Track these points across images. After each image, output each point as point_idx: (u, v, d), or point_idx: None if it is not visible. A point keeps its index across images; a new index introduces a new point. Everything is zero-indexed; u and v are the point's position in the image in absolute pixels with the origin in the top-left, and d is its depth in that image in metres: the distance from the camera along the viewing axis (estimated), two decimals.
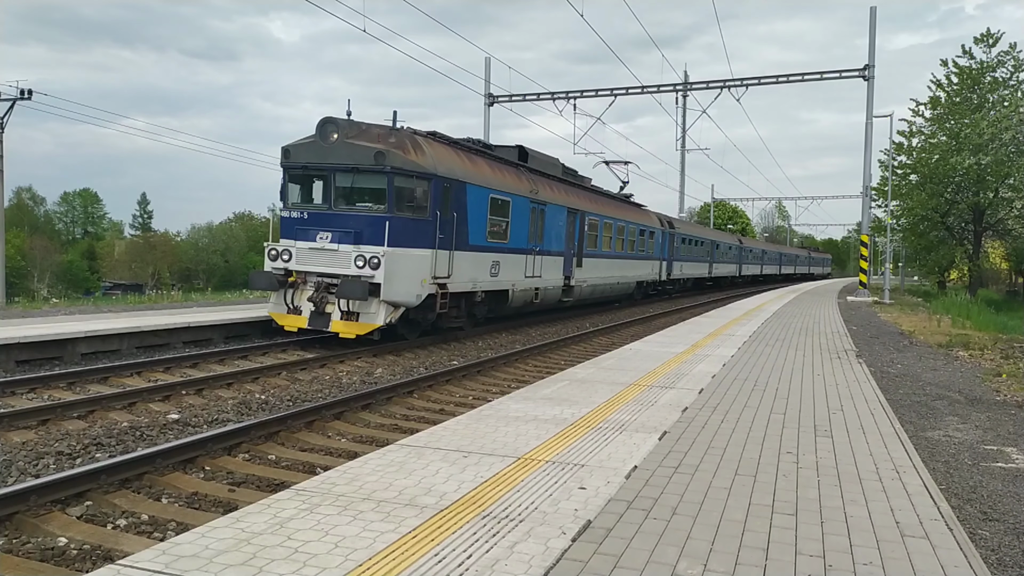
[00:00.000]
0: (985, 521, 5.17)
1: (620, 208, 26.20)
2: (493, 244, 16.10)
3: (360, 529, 3.72)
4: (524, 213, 17.57)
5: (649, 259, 29.53)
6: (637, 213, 28.59)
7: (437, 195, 13.74)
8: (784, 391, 8.12)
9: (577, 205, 21.24)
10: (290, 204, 13.90)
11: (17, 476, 6.07)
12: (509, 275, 16.92)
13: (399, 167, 13.08)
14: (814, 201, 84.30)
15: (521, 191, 17.43)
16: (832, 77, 31.26)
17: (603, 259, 23.67)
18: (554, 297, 20.06)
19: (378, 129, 13.67)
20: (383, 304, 12.81)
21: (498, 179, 16.44)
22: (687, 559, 3.51)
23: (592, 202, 22.99)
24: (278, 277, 13.19)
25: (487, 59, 37.39)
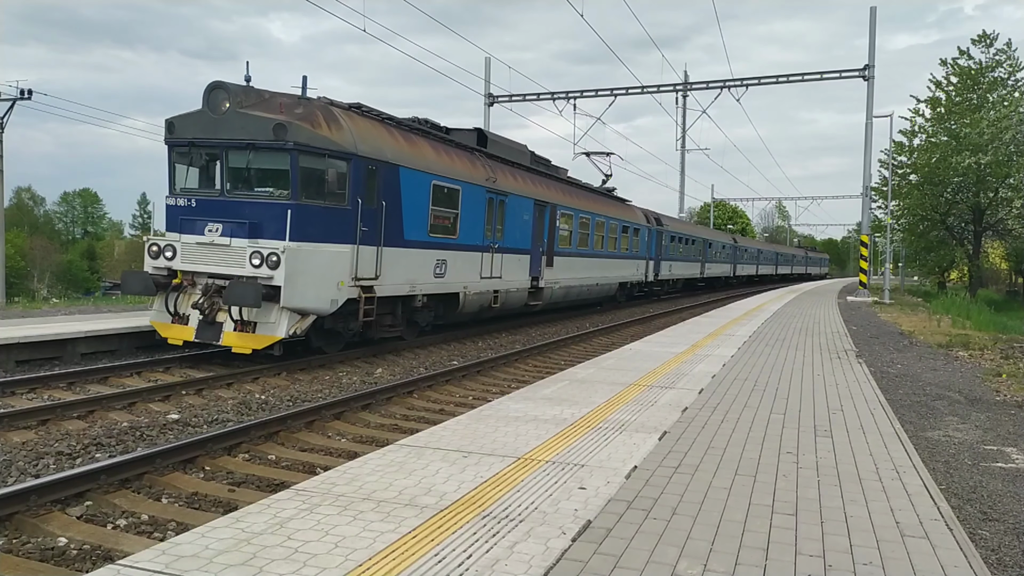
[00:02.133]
0: (985, 521, 5.18)
1: (600, 202, 24.11)
2: (437, 240, 13.86)
3: (360, 529, 3.71)
4: (478, 204, 15.34)
5: (634, 258, 27.42)
6: (620, 208, 26.53)
7: (359, 179, 11.48)
8: (784, 391, 8.12)
9: (547, 197, 19.10)
10: (176, 189, 11.50)
11: (17, 476, 6.07)
12: (459, 276, 14.75)
13: (306, 143, 10.73)
14: (814, 201, 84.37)
15: (475, 179, 15.19)
16: (832, 77, 31.26)
17: (579, 258, 21.55)
18: (519, 300, 17.93)
19: (283, 98, 11.30)
20: (285, 312, 10.51)
21: (444, 163, 14.16)
22: (687, 559, 3.51)
23: (566, 194, 20.86)
24: (158, 278, 10.97)
25: (487, 59, 37.41)
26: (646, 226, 28.91)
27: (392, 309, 13.07)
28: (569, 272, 20.83)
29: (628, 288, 27.77)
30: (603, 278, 23.92)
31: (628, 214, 26.96)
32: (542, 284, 18.95)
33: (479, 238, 15.56)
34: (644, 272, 28.93)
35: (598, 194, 24.87)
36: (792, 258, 77.02)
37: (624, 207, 27.24)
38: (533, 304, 18.86)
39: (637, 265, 27.88)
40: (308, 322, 10.95)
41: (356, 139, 11.52)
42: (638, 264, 28.02)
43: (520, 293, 17.88)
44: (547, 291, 19.35)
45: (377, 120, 12.96)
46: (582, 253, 21.85)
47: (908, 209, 38.22)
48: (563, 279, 20.39)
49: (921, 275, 62.77)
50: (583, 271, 21.98)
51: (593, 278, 22.94)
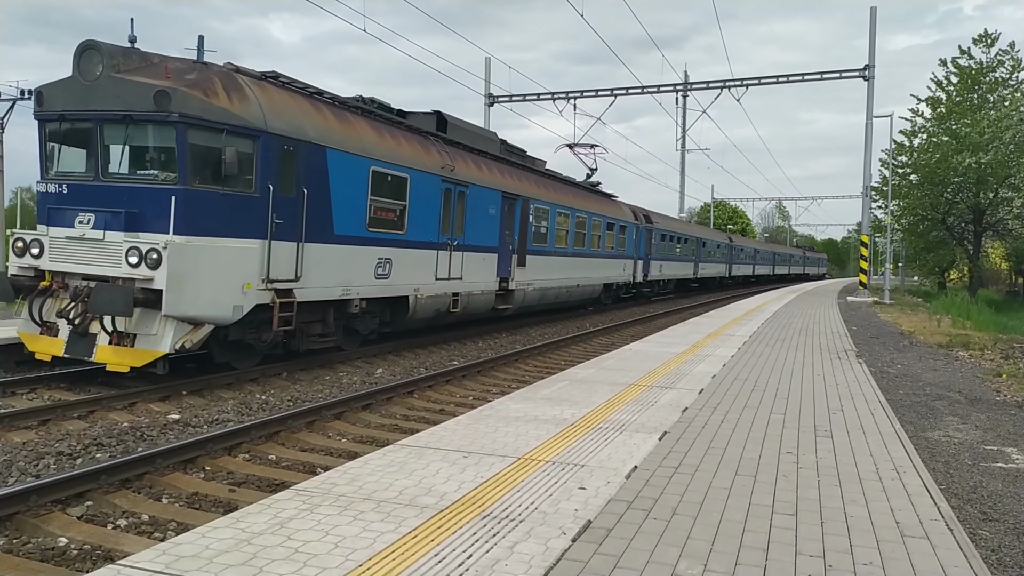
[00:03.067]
0: (985, 521, 5.18)
1: (582, 197, 22.27)
2: (380, 235, 12.11)
3: (360, 529, 3.72)
4: (432, 195, 13.56)
5: (620, 258, 25.65)
6: (604, 204, 24.63)
7: (270, 161, 9.70)
8: (784, 391, 8.12)
9: (518, 190, 17.34)
10: (48, 173, 9.66)
11: (17, 476, 6.08)
12: (408, 276, 12.94)
13: (196, 116, 8.93)
14: (814, 201, 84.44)
15: (428, 166, 13.41)
16: (832, 77, 31.25)
17: (556, 257, 19.82)
18: (484, 304, 16.12)
19: (173, 62, 9.39)
20: (170, 321, 8.72)
21: (388, 147, 12.36)
22: (687, 559, 3.51)
23: (541, 187, 19.10)
24: (21, 280, 9.32)
25: (487, 59, 37.42)
26: (634, 223, 27.30)
27: (322, 316, 11.28)
28: (545, 272, 19.12)
29: (614, 290, 26.22)
30: (585, 279, 22.22)
31: (614, 210, 25.33)
32: (512, 286, 17.15)
33: (433, 234, 13.76)
34: (632, 272, 27.32)
35: (580, 188, 23.15)
36: (790, 258, 76.14)
37: (610, 203, 25.53)
38: (502, 308, 17.05)
39: (624, 265, 26.19)
40: (203, 333, 9.11)
41: (266, 113, 9.74)
42: (625, 264, 26.33)
43: (486, 296, 16.06)
44: (518, 293, 17.57)
45: (299, 93, 11.03)
46: (560, 252, 20.14)
47: (908, 209, 38.23)
48: (538, 280, 18.70)
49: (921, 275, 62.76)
50: (561, 271, 20.26)
51: (573, 279, 21.21)
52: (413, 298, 13.19)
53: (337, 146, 11.05)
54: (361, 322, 12.37)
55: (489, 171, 16.24)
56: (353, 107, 12.33)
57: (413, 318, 13.39)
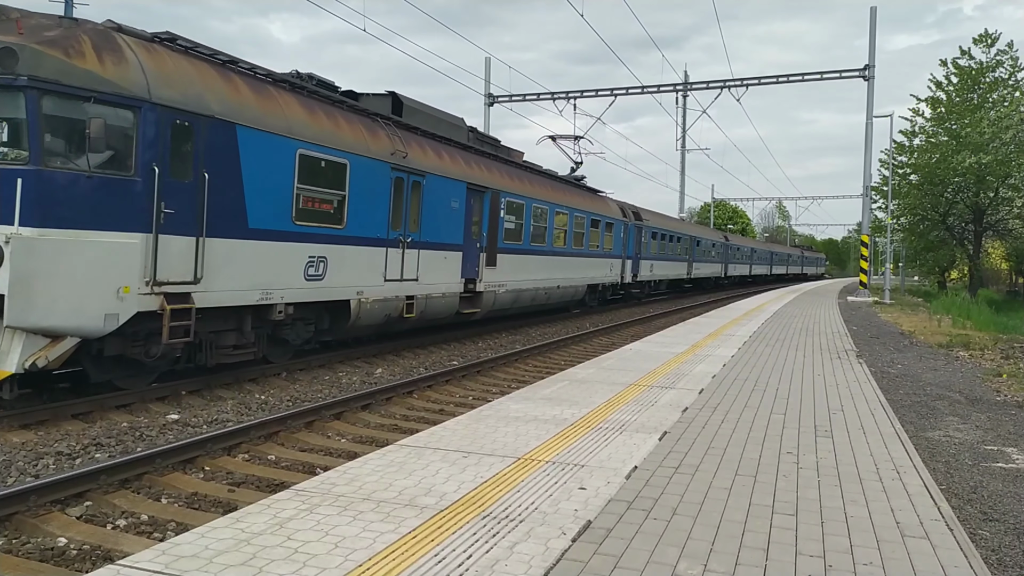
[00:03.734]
0: (985, 521, 5.17)
1: (562, 191, 20.69)
2: (310, 229, 10.41)
3: (360, 529, 3.71)
4: (379, 185, 11.95)
5: (607, 257, 24.13)
6: (589, 199, 22.99)
7: (155, 137, 8.11)
8: (784, 391, 8.12)
9: (487, 181, 15.71)
10: None
11: (17, 476, 6.07)
12: (348, 277, 11.28)
13: (53, 79, 7.38)
14: (814, 201, 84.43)
15: (374, 151, 11.78)
16: (832, 77, 31.26)
17: (533, 256, 18.22)
18: (446, 308, 14.42)
19: (34, 19, 7.79)
20: (17, 334, 7.25)
21: (321, 128, 10.67)
22: (687, 559, 3.51)
23: (515, 180, 17.41)
24: None
25: (487, 59, 37.44)
26: (621, 220, 25.76)
27: (237, 324, 9.75)
28: (519, 273, 17.48)
29: (600, 291, 24.66)
30: (566, 279, 20.71)
31: (599, 206, 23.71)
32: (480, 287, 15.55)
33: (381, 229, 12.08)
34: (620, 272, 25.78)
35: (562, 182, 21.57)
36: (788, 257, 74.90)
37: (595, 198, 23.93)
38: (469, 312, 15.39)
39: (611, 264, 24.66)
40: (63, 348, 7.56)
41: (151, 80, 8.12)
42: (612, 263, 24.79)
43: (448, 299, 14.37)
44: (488, 296, 15.95)
45: (204, 60, 9.31)
46: (538, 250, 18.54)
47: (908, 209, 38.24)
48: (511, 281, 17.02)
49: (921, 275, 62.78)
50: (539, 271, 18.65)
51: (553, 279, 19.67)
52: (356, 302, 11.52)
53: (252, 124, 9.39)
54: (291, 331, 10.72)
55: (452, 160, 14.56)
56: (280, 81, 10.57)
57: (357, 325, 11.79)
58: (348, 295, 11.39)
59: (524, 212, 17.64)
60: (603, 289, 24.97)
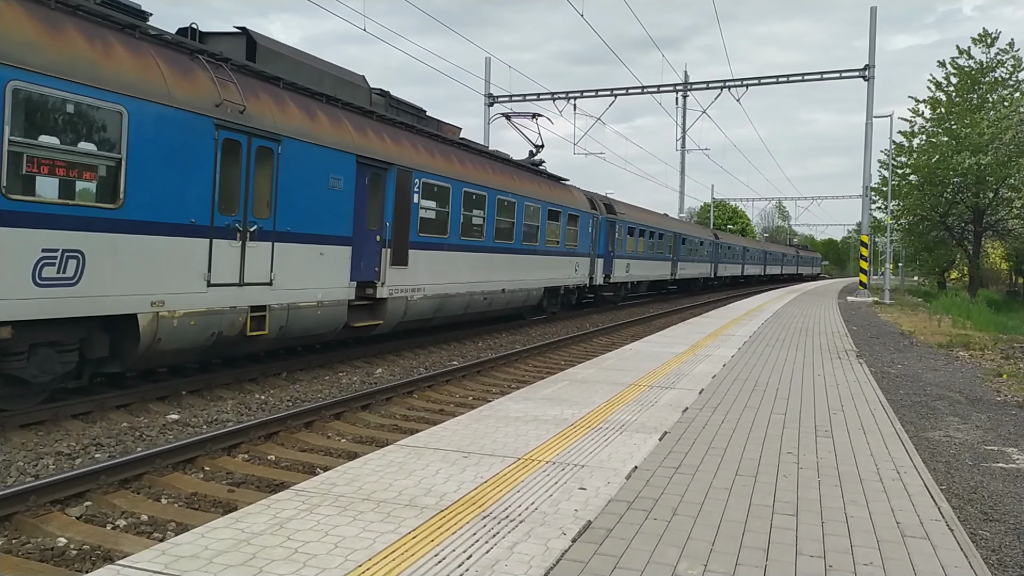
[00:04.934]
0: (986, 521, 5.17)
1: (509, 176, 17.40)
2: (45, 209, 7.12)
3: (360, 529, 3.71)
4: (192, 147, 8.61)
5: (570, 255, 21.13)
6: (547, 187, 19.87)
7: None
8: (784, 391, 8.12)
9: (391, 156, 12.26)
10: None
11: (17, 476, 6.07)
12: (131, 281, 7.95)
13: None
14: (814, 201, 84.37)
15: (181, 98, 8.46)
16: (832, 77, 31.26)
17: (463, 253, 14.87)
18: (327, 322, 10.95)
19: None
20: None
21: (67, 54, 7.32)
22: (687, 559, 3.51)
23: (439, 157, 13.97)
24: None
25: (487, 59, 37.42)
26: (589, 213, 22.63)
27: None
28: (443, 274, 14.08)
29: (563, 294, 21.66)
30: (515, 282, 17.45)
31: (560, 195, 20.56)
32: (383, 293, 12.17)
33: (197, 211, 8.73)
34: (588, 272, 22.75)
35: (511, 166, 18.25)
36: (782, 257, 72.24)
37: (555, 186, 20.72)
38: (366, 325, 12.00)
39: (576, 264, 21.69)
40: None
41: None
42: (578, 262, 21.80)
43: (329, 310, 10.89)
44: (395, 304, 12.51)
45: None
46: (472, 246, 15.19)
47: (908, 209, 38.24)
48: (431, 285, 13.61)
49: (921, 275, 62.79)
50: (474, 272, 15.36)
51: (495, 282, 16.32)
52: (150, 317, 8.13)
53: None
54: (33, 363, 7.34)
55: (334, 125, 11.04)
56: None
57: (158, 350, 8.37)
58: (131, 307, 7.96)
59: (451, 198, 14.21)
60: (566, 292, 21.88)
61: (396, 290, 12.59)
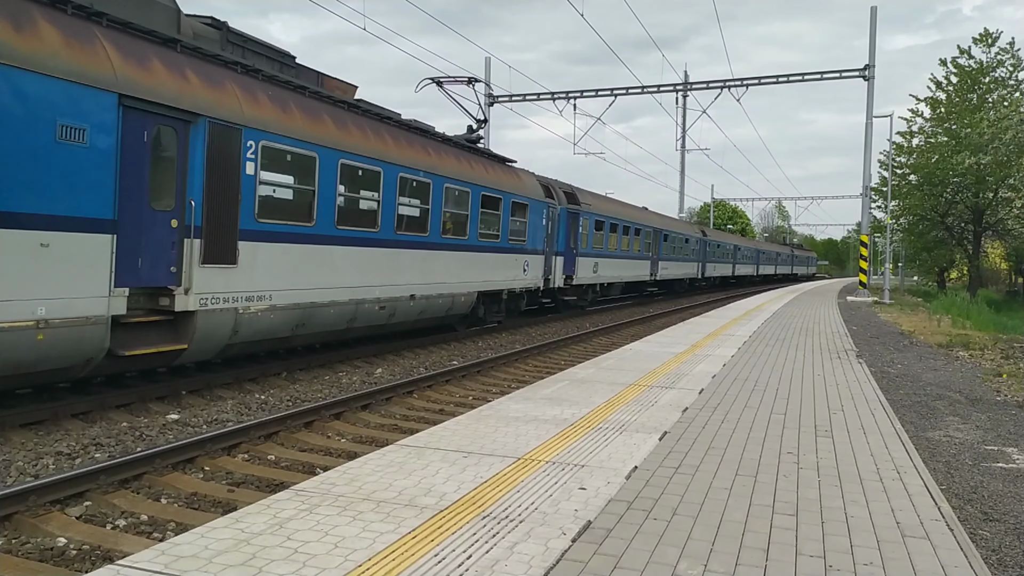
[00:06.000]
0: (986, 521, 5.17)
1: (422, 149, 13.51)
2: None
3: (360, 529, 3.71)
4: None
5: (516, 251, 17.51)
6: (483, 168, 16.09)
7: None
8: (784, 391, 8.11)
9: (204, 105, 8.63)
10: None
11: (16, 476, 6.07)
12: None
13: None
14: (814, 201, 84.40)
15: None
16: (832, 77, 31.26)
17: (341, 247, 11.13)
18: (62, 353, 7.26)
19: None
20: None
21: None
22: (687, 559, 3.51)
23: (298, 116, 10.19)
24: None
25: (487, 59, 37.48)
26: (543, 202, 19.08)
27: None
28: (304, 275, 10.31)
29: (506, 300, 17.67)
30: (430, 285, 13.67)
31: (503, 179, 16.83)
32: (190, 304, 8.56)
33: None
34: (542, 273, 19.32)
35: (426, 137, 14.22)
36: (776, 256, 69.29)
37: (495, 167, 16.92)
38: (155, 353, 8.38)
39: (525, 263, 18.11)
40: None
41: None
42: (528, 261, 18.27)
43: (62, 335, 7.17)
44: (212, 319, 8.83)
45: None
46: (356, 238, 11.49)
47: (908, 209, 38.26)
48: (281, 290, 9.87)
49: (921, 275, 62.80)
50: (360, 272, 11.59)
51: (398, 285, 12.59)
52: None
53: None
54: None
55: (70, 43, 7.30)
56: None
57: None
58: None
59: (319, 172, 10.53)
60: (512, 297, 18.05)
61: (215, 299, 8.81)
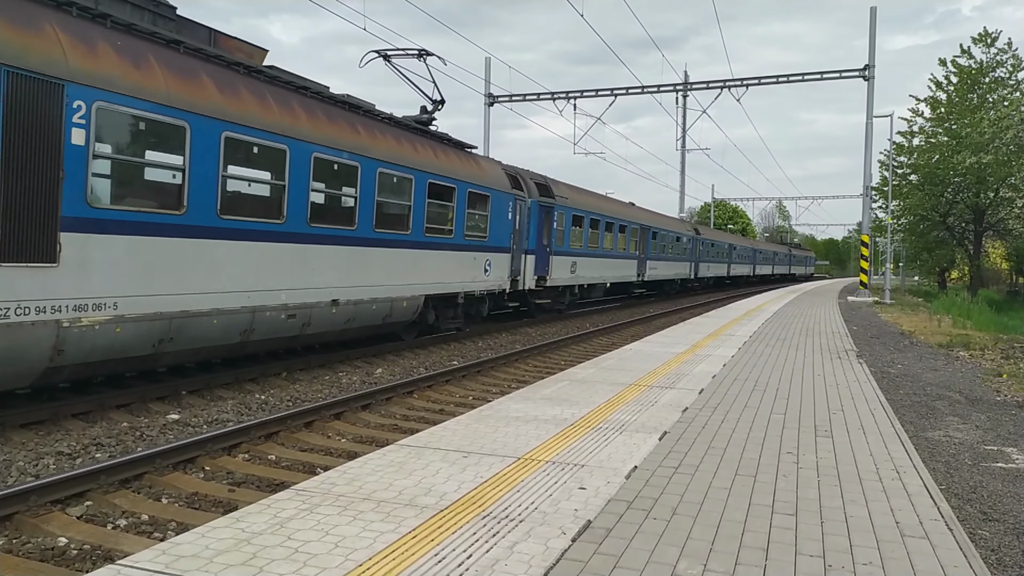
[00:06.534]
0: (985, 521, 5.17)
1: (348, 127, 11.39)
2: None
3: (360, 529, 3.71)
4: None
5: (475, 249, 15.27)
6: (432, 152, 13.79)
7: None
8: (784, 391, 8.12)
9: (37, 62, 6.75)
10: None
11: (17, 476, 6.07)
12: None
13: None
14: (814, 201, 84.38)
15: None
16: (832, 77, 31.26)
17: (226, 242, 9.08)
18: None
19: None
20: None
21: None
22: (687, 559, 3.51)
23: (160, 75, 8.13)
24: None
25: (487, 59, 37.45)
26: (509, 194, 16.79)
27: None
28: (170, 277, 8.34)
29: (463, 305, 15.35)
30: (361, 289, 11.58)
31: (458, 166, 14.58)
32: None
33: None
34: (508, 273, 17.07)
35: (357, 114, 11.98)
36: (773, 256, 66.98)
37: (448, 152, 14.49)
38: None
39: (488, 261, 15.96)
40: None
41: None
42: (489, 260, 16.02)
43: None
44: (18, 337, 6.73)
45: None
46: (249, 231, 9.42)
47: (908, 209, 38.26)
48: (133, 297, 7.89)
49: (921, 275, 62.77)
50: (256, 273, 9.56)
51: (314, 289, 10.57)
52: None
53: None
54: None
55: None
56: None
57: None
58: None
59: (191, 146, 8.49)
60: (472, 301, 15.76)
61: (21, 309, 6.79)
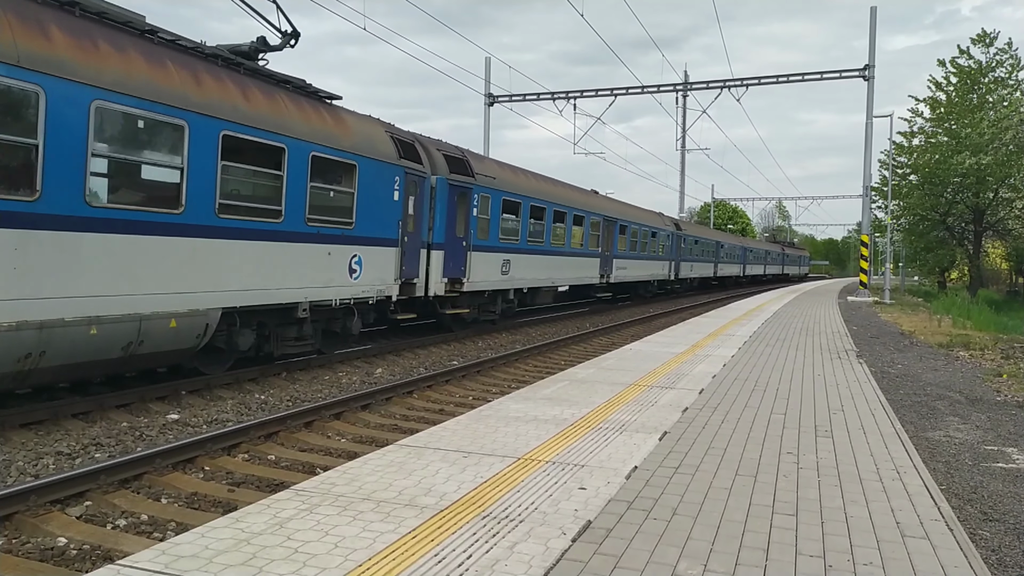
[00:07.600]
0: (985, 521, 5.17)
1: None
2: None
3: (360, 529, 3.71)
4: None
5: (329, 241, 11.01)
6: (249, 96, 9.40)
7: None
8: (784, 391, 8.11)
9: None
10: None
11: (17, 476, 6.07)
12: None
13: None
14: (814, 201, 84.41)
15: None
16: (832, 77, 31.27)
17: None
18: None
19: None
20: None
21: None
22: (687, 559, 3.51)
23: None
24: None
25: (487, 59, 37.44)
26: (396, 165, 12.55)
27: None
28: None
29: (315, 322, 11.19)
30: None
31: (298, 119, 10.25)
32: None
33: None
34: (395, 276, 12.77)
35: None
36: (765, 255, 62.70)
37: (283, 99, 10.20)
38: None
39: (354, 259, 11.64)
40: None
41: None
42: (361, 256, 11.77)
43: None
44: None
45: None
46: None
47: (908, 209, 38.28)
48: None
49: (921, 275, 62.76)
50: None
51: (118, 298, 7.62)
52: None
53: None
54: None
55: None
56: None
57: None
58: None
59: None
60: (330, 315, 11.59)
61: None
